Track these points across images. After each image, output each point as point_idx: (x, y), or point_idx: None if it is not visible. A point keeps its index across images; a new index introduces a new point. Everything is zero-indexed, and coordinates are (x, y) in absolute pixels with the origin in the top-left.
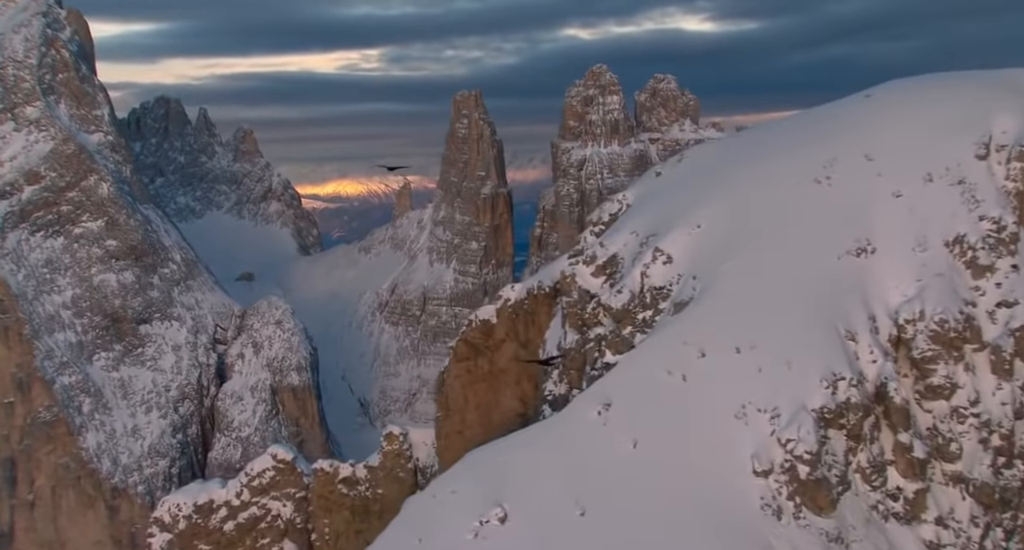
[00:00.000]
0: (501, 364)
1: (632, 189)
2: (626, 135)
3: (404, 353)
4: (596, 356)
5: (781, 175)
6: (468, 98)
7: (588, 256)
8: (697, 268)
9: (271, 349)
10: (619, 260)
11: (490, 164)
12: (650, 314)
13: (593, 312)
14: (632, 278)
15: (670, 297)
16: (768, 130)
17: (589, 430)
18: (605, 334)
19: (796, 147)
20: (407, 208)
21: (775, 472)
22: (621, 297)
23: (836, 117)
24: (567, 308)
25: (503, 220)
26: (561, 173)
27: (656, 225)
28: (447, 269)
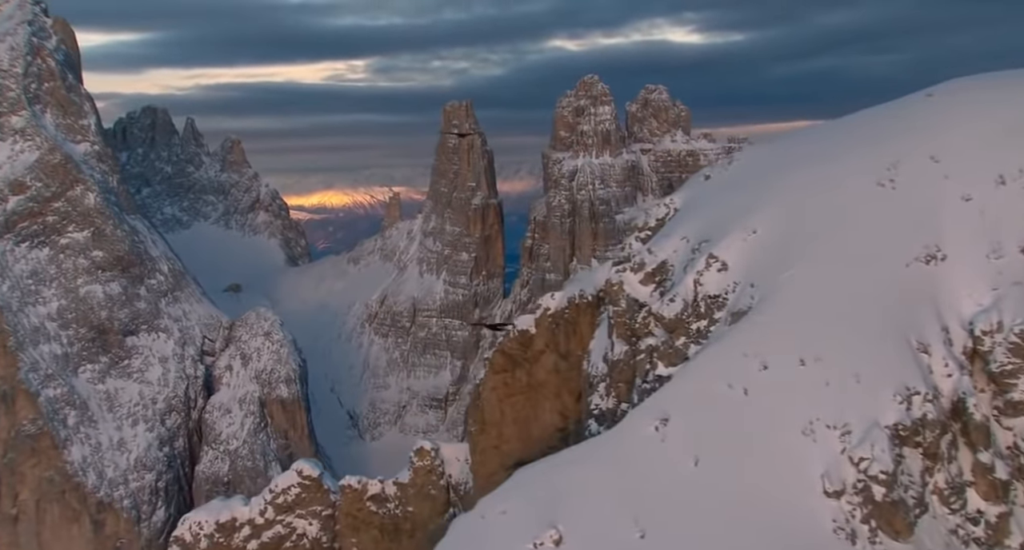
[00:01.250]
0: (540, 376)
1: (679, 193)
2: (618, 146)
3: (394, 365)
4: (647, 368)
5: (840, 178)
6: (458, 108)
7: (636, 263)
8: (754, 276)
9: (260, 361)
10: (669, 267)
11: (481, 174)
12: (705, 324)
13: (643, 322)
14: (685, 286)
15: (726, 306)
16: (822, 132)
17: (646, 446)
18: (657, 345)
19: (855, 149)
20: (396, 219)
21: (848, 493)
22: (674, 306)
23: (896, 118)
24: (615, 317)
25: (494, 231)
26: (552, 184)
27: (708, 230)
28: (437, 280)
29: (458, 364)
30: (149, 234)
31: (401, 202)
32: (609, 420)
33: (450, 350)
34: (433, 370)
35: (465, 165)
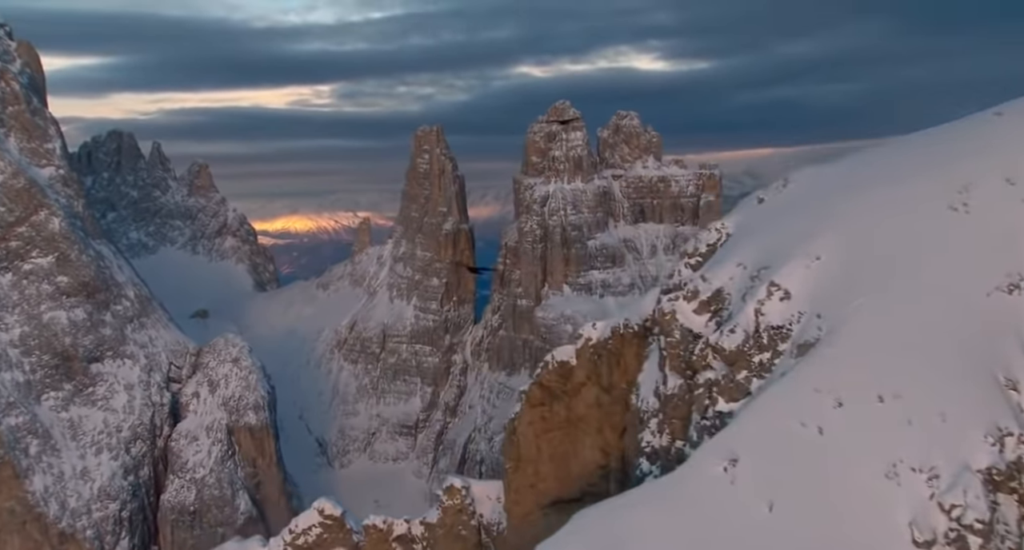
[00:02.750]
0: (580, 410)
1: (731, 217)
2: (589, 171)
3: (363, 391)
4: (706, 404)
5: (908, 201)
6: (429, 133)
7: (689, 291)
8: (820, 305)
9: (227, 388)
10: (725, 296)
11: (452, 200)
12: (768, 356)
13: (701, 354)
14: (745, 316)
15: (791, 338)
16: (882, 154)
17: (714, 489)
18: (716, 379)
19: (921, 171)
20: (366, 244)
21: (939, 543)
22: (734, 337)
23: (963, 138)
24: (668, 349)
25: (465, 256)
26: (524, 209)
27: (766, 257)
28: (407, 306)
29: (428, 390)
30: (115, 259)
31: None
32: (663, 459)
33: (420, 376)
34: (403, 397)
35: (436, 190)
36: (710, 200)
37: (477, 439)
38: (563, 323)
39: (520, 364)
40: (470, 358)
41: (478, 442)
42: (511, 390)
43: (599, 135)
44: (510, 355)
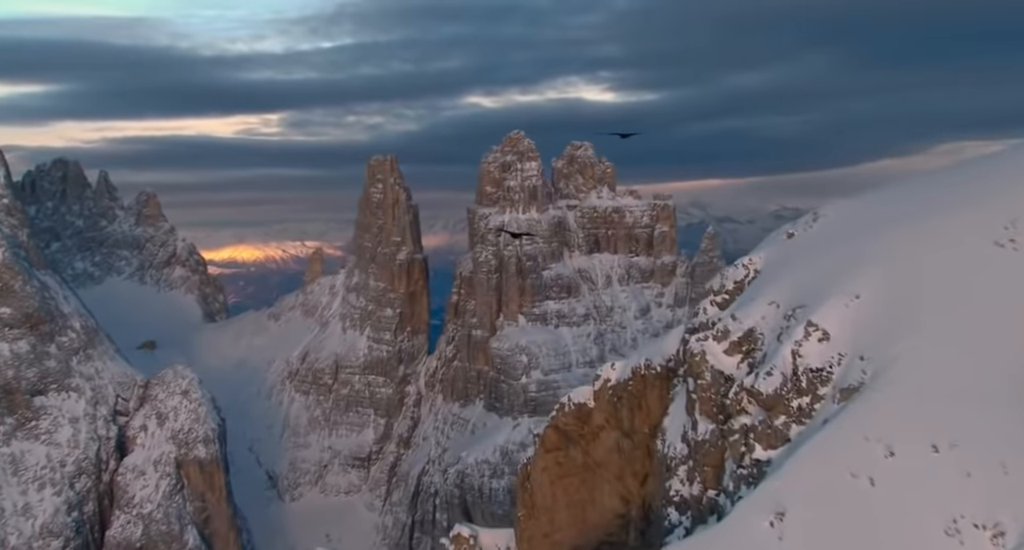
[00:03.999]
0: (599, 455)
1: (759, 252)
2: (544, 202)
3: (315, 423)
4: (743, 451)
5: (949, 237)
6: (383, 163)
7: (719, 330)
8: (863, 347)
9: (176, 420)
10: (758, 336)
11: (405, 229)
12: (807, 401)
13: (736, 398)
14: (782, 358)
15: (831, 381)
16: (916, 187)
17: (762, 545)
18: (753, 424)
19: (960, 205)
20: (318, 274)
21: None
22: (771, 380)
23: (1001, 171)
24: (698, 392)
25: (419, 286)
26: (479, 239)
27: (801, 295)
28: (361, 336)
29: (382, 422)
30: (60, 290)
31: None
32: (693, 509)
33: (373, 407)
34: (356, 428)
35: (389, 220)
36: (664, 231)
37: (431, 471)
38: (518, 354)
39: (475, 395)
40: (424, 389)
41: (432, 474)
42: (465, 421)
43: (553, 165)
44: (464, 386)
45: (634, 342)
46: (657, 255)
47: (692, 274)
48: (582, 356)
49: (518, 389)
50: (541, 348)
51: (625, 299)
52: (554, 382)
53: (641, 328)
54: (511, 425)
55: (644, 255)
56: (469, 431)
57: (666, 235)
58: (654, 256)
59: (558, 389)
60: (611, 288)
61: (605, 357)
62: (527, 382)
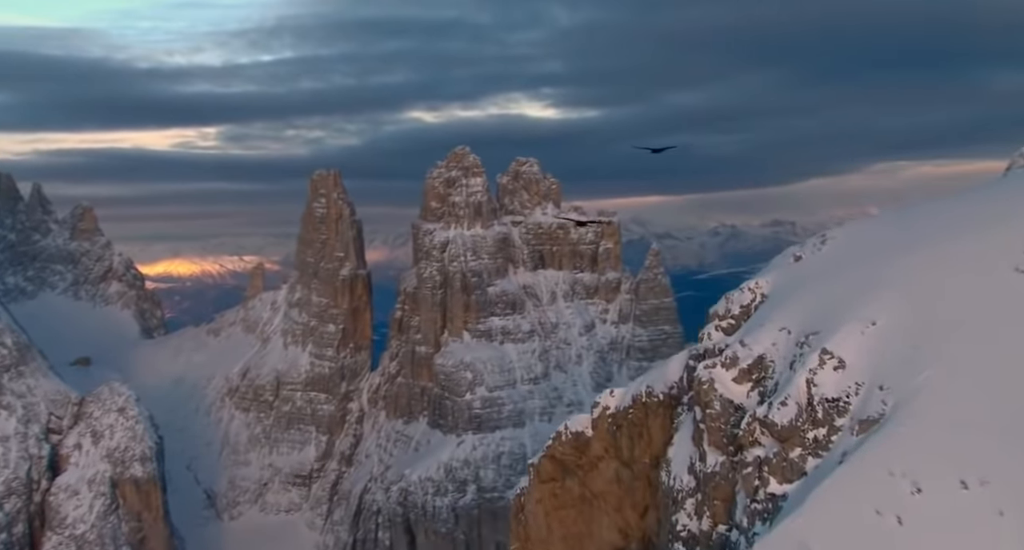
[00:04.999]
0: (597, 487)
1: (766, 276)
2: (489, 218)
3: (255, 441)
4: (756, 484)
5: (967, 262)
6: (326, 178)
7: (728, 358)
8: (882, 376)
9: (112, 439)
10: (768, 363)
11: (349, 245)
12: (824, 432)
13: (748, 429)
14: (796, 387)
15: (849, 412)
16: (927, 211)
17: None
18: (767, 457)
19: (977, 229)
20: (259, 289)
21: None
22: (786, 411)
23: (1013, 196)
24: (707, 422)
25: (362, 302)
26: (423, 255)
27: (813, 321)
28: (302, 353)
29: (323, 439)
30: None
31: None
32: (702, 545)
33: (315, 425)
34: (297, 446)
35: (333, 235)
36: (608, 247)
37: (374, 489)
38: (462, 370)
39: (418, 412)
40: (367, 406)
41: (375, 492)
42: (408, 438)
43: (499, 181)
44: (408, 402)
45: (579, 358)
46: (602, 271)
47: (636, 291)
48: (527, 373)
49: (462, 406)
50: (486, 365)
51: (570, 315)
52: (499, 399)
53: (586, 344)
54: (455, 442)
55: (589, 271)
56: (412, 448)
57: (611, 252)
58: (599, 273)
59: (503, 406)
60: (556, 304)
61: (550, 374)
62: (471, 399)
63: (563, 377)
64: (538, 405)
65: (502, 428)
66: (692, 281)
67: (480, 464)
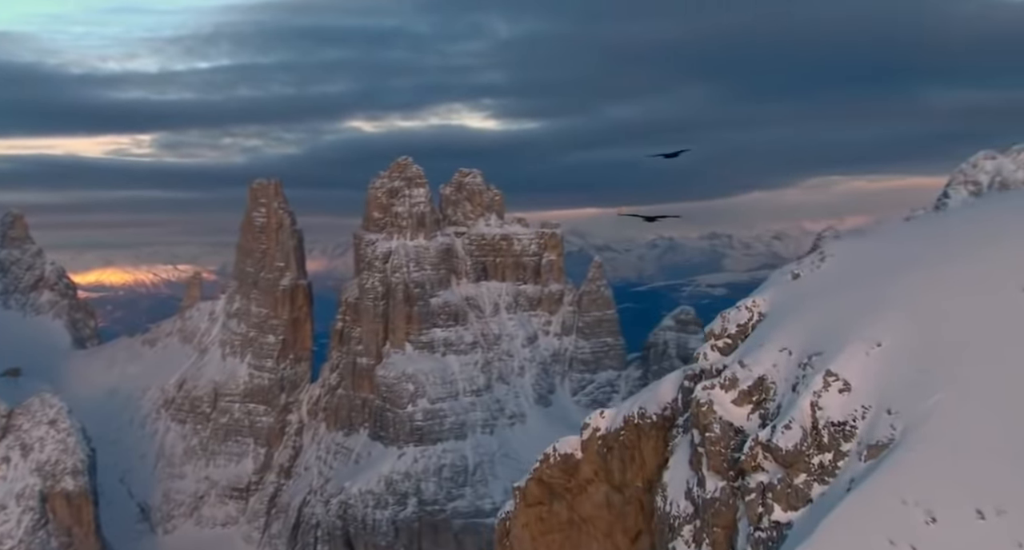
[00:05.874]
0: (586, 511)
1: (763, 294)
2: (432, 228)
3: (191, 453)
4: (760, 512)
5: (972, 282)
6: (267, 187)
7: (727, 378)
8: (890, 399)
9: (42, 451)
10: (769, 385)
11: (289, 255)
12: (830, 458)
13: (751, 453)
14: (800, 410)
15: (856, 436)
16: (928, 227)
17: None
18: (771, 483)
19: (979, 248)
20: (196, 299)
21: None
22: (790, 435)
23: (1016, 212)
24: (706, 446)
25: (302, 313)
26: (365, 266)
27: (816, 341)
28: (241, 363)
29: (262, 451)
30: None
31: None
32: None
33: (253, 437)
34: (235, 458)
35: (273, 245)
36: (552, 259)
37: (313, 502)
38: (404, 382)
39: (359, 423)
40: (307, 417)
41: (314, 505)
42: (349, 450)
43: (441, 192)
44: (348, 414)
45: (521, 370)
46: (544, 283)
47: (579, 303)
48: (469, 385)
49: (404, 418)
50: (428, 376)
51: (513, 327)
52: (440, 411)
53: (528, 356)
54: (396, 454)
55: (532, 283)
56: (353, 460)
57: (553, 263)
58: (541, 284)
59: (445, 418)
60: (499, 316)
61: (492, 385)
62: (413, 411)
63: (505, 389)
64: (480, 417)
65: (444, 440)
66: (631, 293)
67: (421, 477)
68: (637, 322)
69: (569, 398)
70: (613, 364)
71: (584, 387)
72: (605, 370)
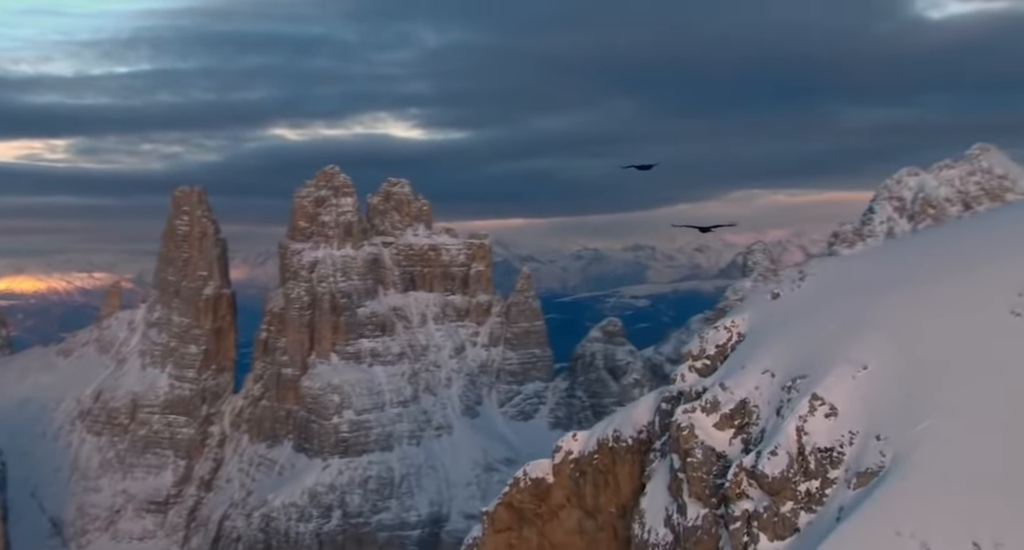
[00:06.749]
0: (558, 538)
1: (741, 313)
2: (359, 238)
3: (108, 466)
4: (745, 541)
5: (960, 303)
6: (190, 194)
7: (708, 402)
8: (878, 425)
9: None
10: (752, 408)
11: (213, 263)
12: (817, 485)
13: (735, 480)
14: (786, 435)
15: (843, 463)
16: (907, 247)
17: None
18: (757, 511)
19: (967, 269)
20: (116, 308)
21: None
22: (776, 461)
23: (1006, 233)
24: (687, 471)
25: (226, 322)
26: (291, 275)
27: (799, 363)
28: (161, 374)
29: (182, 464)
30: None
31: (100, 289)
32: None
33: (173, 449)
34: (153, 470)
35: (196, 253)
36: (480, 269)
37: (234, 515)
38: (330, 393)
39: (283, 435)
40: (229, 429)
41: (235, 518)
42: (272, 462)
43: (369, 202)
44: (272, 426)
45: (448, 381)
46: (472, 294)
47: (507, 314)
48: (396, 396)
49: (329, 429)
50: (354, 387)
51: (440, 338)
52: (366, 422)
53: (456, 367)
54: (321, 466)
55: (460, 294)
56: (276, 472)
57: (482, 274)
58: (470, 295)
59: (371, 429)
60: (426, 327)
61: (419, 396)
62: (339, 422)
63: (432, 400)
64: (407, 428)
65: (370, 452)
66: (555, 304)
67: (346, 489)
68: (562, 333)
69: (496, 409)
70: (540, 375)
71: (511, 398)
72: (532, 381)
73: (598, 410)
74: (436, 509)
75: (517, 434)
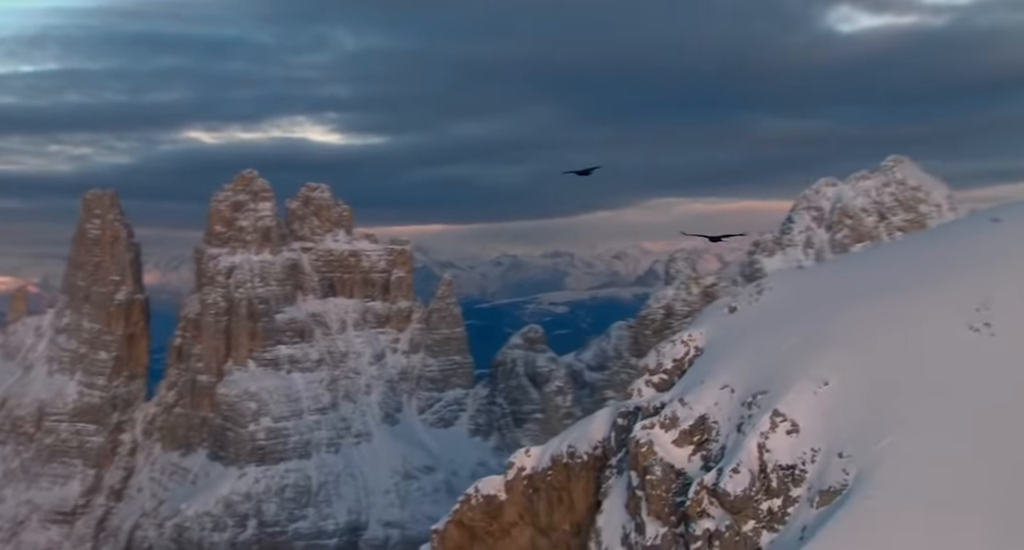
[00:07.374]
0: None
1: (699, 327)
2: (278, 243)
3: (12, 475)
4: None
5: (919, 318)
6: (101, 198)
7: (667, 417)
8: (840, 442)
9: None
10: (711, 424)
11: (125, 268)
12: (779, 504)
13: (696, 498)
14: (747, 453)
15: (806, 481)
16: (870, 259)
17: None
18: (718, 530)
19: (924, 284)
20: (22, 313)
21: None
22: (739, 479)
23: (962, 247)
24: (646, 489)
25: (138, 328)
26: (207, 280)
27: (759, 379)
28: (70, 381)
29: (91, 473)
30: None
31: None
32: None
33: (82, 458)
34: (60, 480)
35: (108, 258)
36: (401, 276)
37: (145, 525)
38: (246, 400)
39: (197, 443)
40: (140, 437)
41: (146, 528)
42: (186, 471)
43: (288, 206)
44: (186, 434)
45: (368, 388)
46: (393, 300)
47: (428, 320)
48: (314, 403)
49: (245, 437)
50: (271, 394)
51: (360, 344)
52: (284, 429)
53: (376, 374)
54: (237, 474)
55: (380, 300)
56: (190, 481)
57: (403, 280)
58: (390, 301)
59: (288, 436)
60: (346, 333)
61: (338, 404)
62: (255, 430)
63: (352, 407)
64: (325, 436)
65: (287, 460)
66: (474, 310)
67: (263, 497)
68: (481, 339)
69: (416, 416)
70: (461, 382)
71: (431, 405)
72: (453, 388)
73: (518, 417)
74: (354, 517)
75: (437, 441)
